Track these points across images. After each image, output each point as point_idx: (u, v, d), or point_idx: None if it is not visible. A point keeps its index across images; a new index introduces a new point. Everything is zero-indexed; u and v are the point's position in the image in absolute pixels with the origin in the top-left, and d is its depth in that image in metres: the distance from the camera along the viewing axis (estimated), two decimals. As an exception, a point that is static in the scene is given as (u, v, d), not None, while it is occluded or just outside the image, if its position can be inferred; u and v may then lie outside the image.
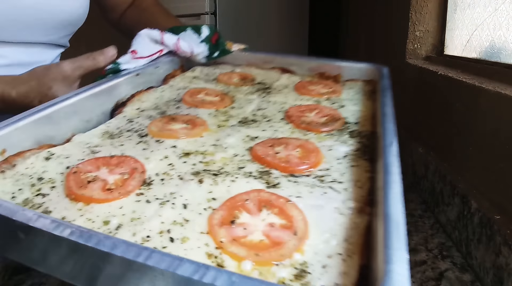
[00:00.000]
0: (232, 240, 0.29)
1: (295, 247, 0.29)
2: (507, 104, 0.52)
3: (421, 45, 0.96)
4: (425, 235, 0.64)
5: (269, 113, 0.54)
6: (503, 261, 0.47)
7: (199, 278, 0.22)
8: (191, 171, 0.40)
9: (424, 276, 0.53)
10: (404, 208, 0.28)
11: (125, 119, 0.51)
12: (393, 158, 0.38)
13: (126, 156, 0.41)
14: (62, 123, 0.45)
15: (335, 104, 0.58)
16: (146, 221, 0.32)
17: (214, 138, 0.47)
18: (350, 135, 0.49)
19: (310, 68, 0.70)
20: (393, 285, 0.22)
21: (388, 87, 0.57)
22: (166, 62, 0.65)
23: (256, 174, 0.39)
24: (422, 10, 0.94)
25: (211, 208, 0.34)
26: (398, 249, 0.24)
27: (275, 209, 0.33)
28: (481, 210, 0.54)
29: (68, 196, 0.35)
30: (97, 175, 0.38)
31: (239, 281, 0.22)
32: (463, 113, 0.65)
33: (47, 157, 0.41)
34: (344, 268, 0.27)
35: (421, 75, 0.85)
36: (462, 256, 0.58)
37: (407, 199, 0.77)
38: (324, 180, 0.39)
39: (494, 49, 0.73)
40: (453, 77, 0.70)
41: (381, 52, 1.27)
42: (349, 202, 0.35)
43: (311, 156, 0.42)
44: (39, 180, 0.38)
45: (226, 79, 0.66)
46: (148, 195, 0.36)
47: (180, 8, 1.80)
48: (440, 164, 0.71)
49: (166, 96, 0.58)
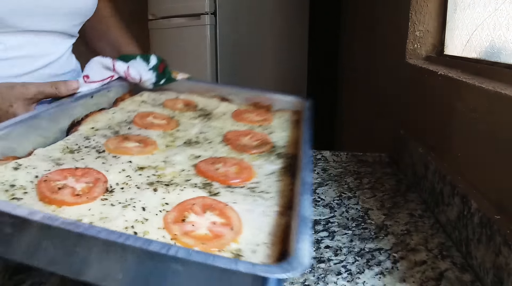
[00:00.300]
0: (183, 234, 0.37)
1: (232, 238, 0.38)
2: (507, 104, 0.52)
3: (421, 45, 0.96)
4: (425, 235, 0.64)
5: (210, 136, 0.63)
6: (503, 261, 0.47)
7: (166, 252, 0.30)
8: (146, 181, 0.47)
9: (424, 276, 0.53)
10: (312, 210, 0.37)
11: (81, 136, 0.56)
12: (308, 172, 0.46)
13: (89, 168, 0.47)
14: (23, 138, 0.50)
15: (267, 130, 0.68)
16: (113, 220, 0.39)
17: (163, 155, 0.54)
18: (277, 156, 0.58)
19: (246, 98, 0.79)
20: (299, 257, 0.31)
21: (309, 118, 0.68)
22: (117, 86, 0.71)
23: (201, 185, 0.47)
24: (422, 10, 0.94)
25: (165, 210, 0.41)
26: (305, 233, 0.34)
27: (216, 211, 0.41)
28: (481, 210, 0.54)
29: (42, 200, 0.41)
30: (65, 183, 0.44)
31: (195, 253, 0.30)
32: (463, 113, 0.65)
33: (16, 167, 0.45)
34: (268, 252, 0.36)
35: (421, 75, 0.85)
36: (462, 256, 0.58)
37: (407, 199, 0.77)
38: (255, 191, 0.48)
39: (494, 49, 0.73)
40: (453, 77, 0.70)
41: (381, 52, 1.27)
42: (275, 207, 0.44)
43: (244, 172, 0.51)
44: (12, 186, 0.42)
45: (172, 104, 0.73)
46: (112, 200, 0.43)
47: (180, 8, 1.80)
48: (440, 164, 0.71)
49: (117, 118, 0.64)
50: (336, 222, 0.68)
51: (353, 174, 0.90)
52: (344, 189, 0.82)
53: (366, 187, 0.83)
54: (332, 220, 0.69)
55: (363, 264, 0.56)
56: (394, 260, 0.57)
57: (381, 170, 0.93)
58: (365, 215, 0.71)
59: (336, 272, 0.54)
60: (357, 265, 0.56)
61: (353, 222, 0.68)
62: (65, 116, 0.58)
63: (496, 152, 0.55)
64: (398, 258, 0.57)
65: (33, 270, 0.54)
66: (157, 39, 1.99)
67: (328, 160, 1.00)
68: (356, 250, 0.60)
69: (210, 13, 1.68)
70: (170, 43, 1.92)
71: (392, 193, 0.80)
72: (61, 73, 0.78)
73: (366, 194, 0.80)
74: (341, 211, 0.72)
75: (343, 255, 0.58)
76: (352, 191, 0.81)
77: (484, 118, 0.59)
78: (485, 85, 0.59)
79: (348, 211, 0.72)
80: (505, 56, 0.69)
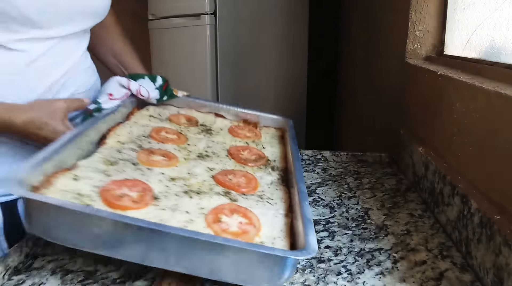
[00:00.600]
0: (222, 231, 0.48)
1: (255, 234, 0.50)
2: (507, 104, 0.52)
3: (421, 45, 0.96)
4: (425, 235, 0.64)
5: (216, 150, 0.73)
6: (503, 261, 0.47)
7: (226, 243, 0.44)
8: (181, 190, 0.56)
9: (424, 276, 0.53)
10: (311, 214, 0.52)
11: (113, 149, 0.64)
12: (303, 184, 0.59)
13: (137, 179, 0.56)
14: (69, 152, 0.58)
15: (259, 146, 0.79)
16: (168, 221, 0.48)
17: (186, 168, 0.63)
18: (272, 169, 0.70)
19: (235, 114, 0.91)
20: (311, 245, 0.45)
21: (294, 136, 0.81)
22: (127, 102, 0.81)
23: (223, 193, 0.58)
24: (422, 10, 0.94)
25: (203, 214, 0.51)
26: (310, 229, 0.48)
27: (241, 214, 0.53)
28: (481, 210, 0.54)
29: (109, 206, 0.49)
30: (122, 192, 0.52)
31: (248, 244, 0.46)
32: (463, 113, 0.65)
33: (74, 178, 0.53)
34: (282, 243, 0.49)
35: (421, 75, 0.85)
36: (462, 256, 0.58)
37: (407, 199, 0.77)
38: (263, 198, 0.59)
39: (494, 49, 0.73)
40: (453, 77, 0.70)
41: (381, 52, 1.27)
42: (280, 210, 0.56)
43: (252, 182, 0.62)
44: (79, 195, 0.50)
45: (176, 119, 0.83)
46: (161, 206, 0.51)
47: (180, 8, 1.80)
48: (440, 164, 0.71)
49: (135, 132, 0.73)
50: (336, 222, 0.68)
51: (353, 174, 0.90)
52: (344, 189, 0.82)
53: (366, 187, 0.83)
54: (332, 220, 0.69)
55: (363, 264, 0.56)
56: (394, 260, 0.57)
57: (381, 170, 0.93)
58: (365, 215, 0.71)
59: (336, 272, 0.54)
60: (357, 265, 0.56)
61: (353, 222, 0.68)
62: (93, 130, 0.66)
63: (496, 152, 0.55)
64: (398, 258, 0.57)
65: (33, 270, 0.54)
66: (157, 39, 1.99)
67: (328, 160, 1.00)
68: (356, 250, 0.60)
69: (210, 13, 1.67)
70: (170, 43, 1.92)
71: (392, 193, 0.80)
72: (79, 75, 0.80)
73: (366, 194, 0.80)
74: (341, 211, 0.72)
75: (343, 255, 0.58)
76: (352, 191, 0.81)
77: (484, 118, 0.59)
78: (485, 85, 0.59)
79: (348, 211, 0.72)
80: (505, 56, 0.69)
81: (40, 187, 0.49)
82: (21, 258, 0.55)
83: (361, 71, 1.59)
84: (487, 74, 0.68)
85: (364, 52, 1.53)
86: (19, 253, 0.54)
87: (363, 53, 1.55)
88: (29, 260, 0.55)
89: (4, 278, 0.51)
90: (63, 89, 0.74)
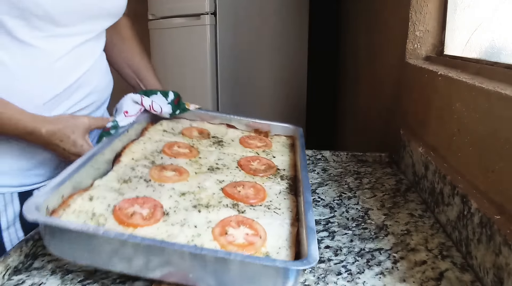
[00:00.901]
0: (228, 243, 0.50)
1: (261, 244, 0.51)
2: (507, 104, 0.52)
3: (421, 45, 0.96)
4: (425, 235, 0.64)
5: (226, 162, 0.74)
6: (503, 261, 0.47)
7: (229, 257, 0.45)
8: (190, 205, 0.58)
9: (424, 276, 0.53)
10: (314, 223, 0.52)
11: (127, 167, 0.66)
12: (309, 194, 0.60)
13: (147, 197, 0.58)
14: (86, 173, 0.60)
15: (269, 155, 0.80)
16: (177, 236, 0.51)
17: (196, 181, 0.65)
18: (281, 178, 0.70)
19: (246, 124, 0.92)
20: (312, 256, 0.46)
21: (303, 145, 0.82)
22: (140, 118, 0.83)
23: (231, 206, 0.59)
24: (422, 10, 0.94)
25: (211, 227, 0.53)
26: (313, 239, 0.49)
27: (247, 225, 0.54)
28: (481, 210, 0.54)
29: (121, 224, 0.51)
30: (134, 210, 0.54)
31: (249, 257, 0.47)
32: (463, 113, 0.65)
33: (90, 198, 0.56)
34: (287, 253, 0.50)
35: (421, 75, 0.85)
36: (462, 256, 0.58)
37: (407, 199, 0.77)
38: (270, 208, 0.60)
39: (494, 49, 0.73)
40: (453, 77, 0.70)
41: (381, 52, 1.27)
42: (287, 220, 0.57)
43: (260, 193, 0.63)
44: (93, 214, 0.52)
45: (189, 133, 0.85)
46: (171, 221, 0.54)
47: (180, 8, 1.80)
48: (440, 164, 0.71)
49: (149, 148, 0.75)
50: (336, 222, 0.68)
51: (353, 174, 0.90)
52: (344, 189, 0.82)
53: (366, 187, 0.83)
54: (332, 220, 0.69)
55: (363, 264, 0.56)
56: (394, 260, 0.57)
57: (381, 170, 0.93)
58: (365, 215, 0.71)
59: (336, 272, 0.54)
60: (357, 265, 0.56)
61: (353, 222, 0.68)
62: (109, 149, 0.68)
63: (496, 152, 0.55)
64: (398, 258, 0.57)
65: (33, 270, 0.54)
66: (157, 39, 1.99)
67: (328, 160, 1.00)
68: (356, 250, 0.60)
69: (210, 13, 1.67)
70: (170, 43, 1.92)
71: (392, 193, 0.80)
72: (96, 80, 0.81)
73: (366, 194, 0.80)
74: (341, 211, 0.72)
75: (343, 255, 0.58)
76: (352, 191, 0.81)
77: (484, 118, 0.59)
78: (485, 85, 0.59)
79: (348, 211, 0.72)
80: (505, 56, 0.69)
81: (58, 209, 0.52)
82: (21, 258, 0.55)
83: (361, 71, 1.59)
84: (487, 74, 0.68)
85: (364, 52, 1.53)
86: (19, 253, 0.54)
87: (363, 53, 1.55)
88: (29, 260, 0.56)
89: (4, 278, 0.51)
90: (80, 89, 0.75)
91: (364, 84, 1.53)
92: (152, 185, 0.62)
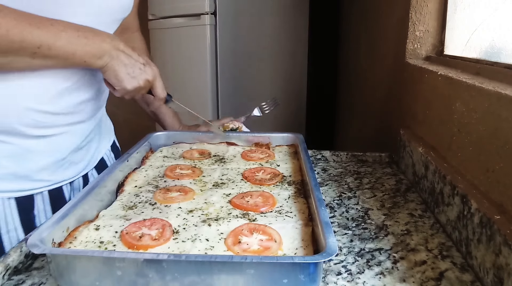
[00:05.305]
0: (243, 251, 0.50)
1: (277, 248, 0.50)
2: (507, 104, 0.52)
3: (421, 45, 0.96)
4: (425, 235, 0.64)
5: (231, 176, 0.75)
6: (503, 261, 0.47)
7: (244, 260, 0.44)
8: (199, 220, 0.58)
9: (424, 276, 0.53)
10: (328, 218, 0.52)
11: (131, 195, 0.66)
12: (318, 192, 0.60)
13: (154, 218, 0.57)
14: (90, 205, 0.60)
15: (273, 165, 0.81)
16: (189, 251, 0.50)
17: (203, 198, 0.65)
18: (288, 184, 0.71)
19: (246, 139, 0.93)
20: (331, 246, 0.45)
21: (306, 149, 0.81)
22: (142, 147, 0.85)
23: (241, 216, 0.59)
24: (422, 10, 0.94)
25: (223, 238, 0.53)
26: (330, 232, 0.48)
27: (260, 231, 0.53)
28: (481, 210, 0.54)
29: (130, 248, 0.51)
30: (142, 232, 0.53)
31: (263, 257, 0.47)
32: (463, 113, 0.65)
33: (96, 228, 0.55)
34: (305, 252, 0.50)
35: (421, 75, 0.85)
36: (462, 256, 0.58)
37: (407, 199, 0.77)
38: (281, 213, 0.60)
39: (494, 49, 0.73)
40: (453, 77, 0.70)
41: (381, 52, 1.27)
42: (299, 221, 0.57)
43: (269, 200, 0.63)
44: (101, 242, 0.52)
45: (189, 155, 0.86)
46: (181, 238, 0.53)
47: (180, 8, 1.80)
48: (440, 164, 0.71)
49: (151, 174, 0.76)
50: (336, 222, 0.68)
51: (353, 174, 0.90)
52: (344, 189, 0.82)
53: (366, 187, 0.83)
54: (332, 220, 0.69)
55: (363, 264, 0.56)
56: (394, 260, 0.57)
57: (381, 170, 0.93)
58: (365, 215, 0.71)
59: (336, 272, 0.54)
60: (357, 265, 0.56)
61: (353, 222, 0.68)
62: (110, 180, 0.68)
63: (496, 152, 0.55)
64: (398, 258, 0.57)
65: (33, 270, 0.54)
66: (157, 39, 1.99)
67: (328, 160, 1.00)
68: (356, 250, 0.60)
69: (210, 13, 1.67)
70: (170, 43, 1.92)
71: (392, 193, 0.80)
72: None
73: (366, 194, 0.80)
74: (341, 211, 0.72)
75: (343, 255, 0.58)
76: (352, 191, 0.81)
77: (484, 118, 0.59)
78: (485, 85, 0.59)
79: (348, 211, 0.72)
80: (505, 56, 0.69)
81: (64, 242, 0.52)
82: (21, 258, 0.55)
83: (361, 71, 1.59)
84: (487, 74, 0.68)
85: (364, 51, 1.53)
86: (19, 253, 0.54)
87: (363, 53, 1.55)
88: (29, 260, 0.56)
89: (4, 278, 0.51)
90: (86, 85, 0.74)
91: (364, 83, 1.53)
92: (158, 207, 0.61)
